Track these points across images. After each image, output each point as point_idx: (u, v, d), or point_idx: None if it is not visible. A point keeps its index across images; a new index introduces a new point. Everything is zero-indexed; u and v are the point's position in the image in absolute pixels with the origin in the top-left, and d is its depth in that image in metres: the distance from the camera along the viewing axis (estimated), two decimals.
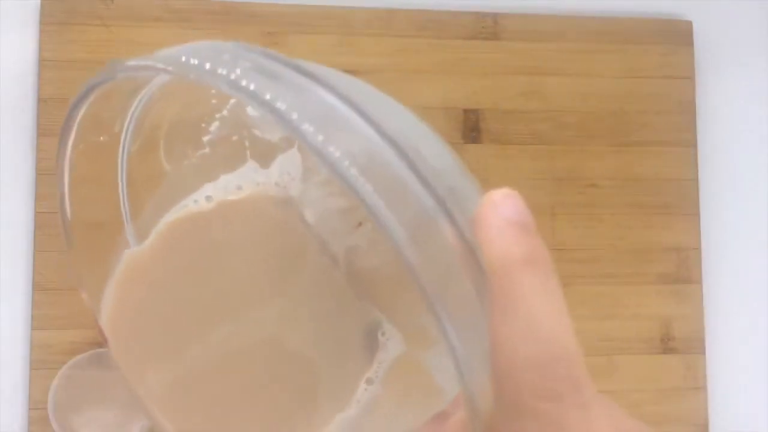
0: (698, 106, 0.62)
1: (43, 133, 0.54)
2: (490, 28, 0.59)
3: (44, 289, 0.53)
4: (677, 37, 0.62)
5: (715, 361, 0.60)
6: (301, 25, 0.57)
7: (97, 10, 0.55)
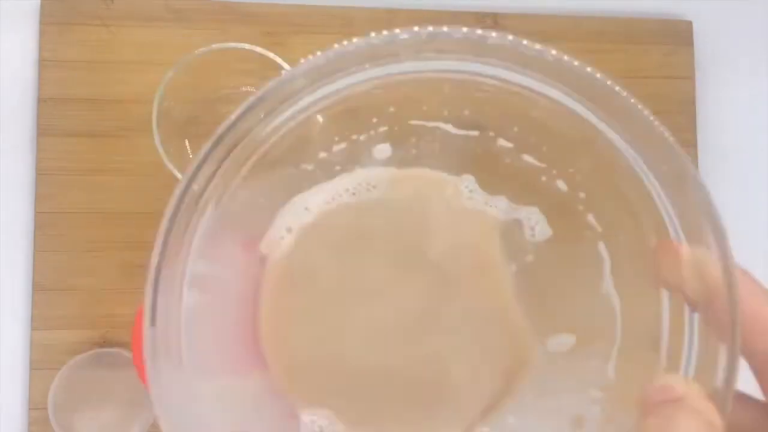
0: (698, 106, 0.62)
1: (43, 133, 0.54)
2: (490, 28, 0.59)
3: (44, 289, 0.53)
4: (677, 37, 0.62)
5: None
6: (301, 25, 0.57)
7: (97, 10, 0.55)
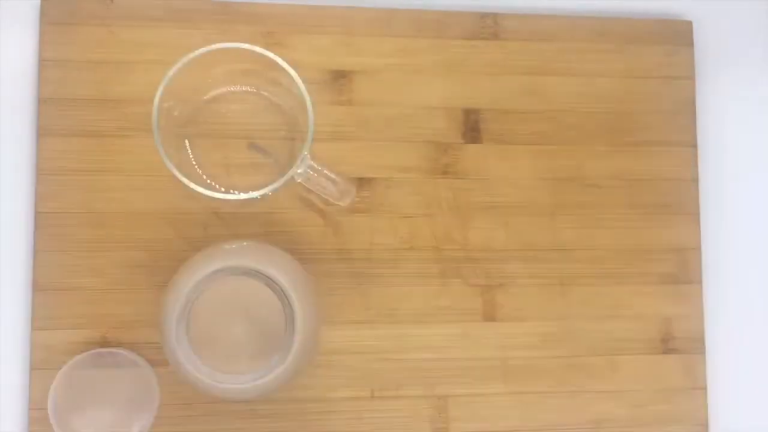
0: (698, 106, 0.62)
1: (43, 133, 0.54)
2: (490, 28, 0.59)
3: (44, 289, 0.53)
4: (677, 37, 0.62)
5: (715, 361, 0.60)
6: (301, 25, 0.57)
7: (97, 10, 0.55)
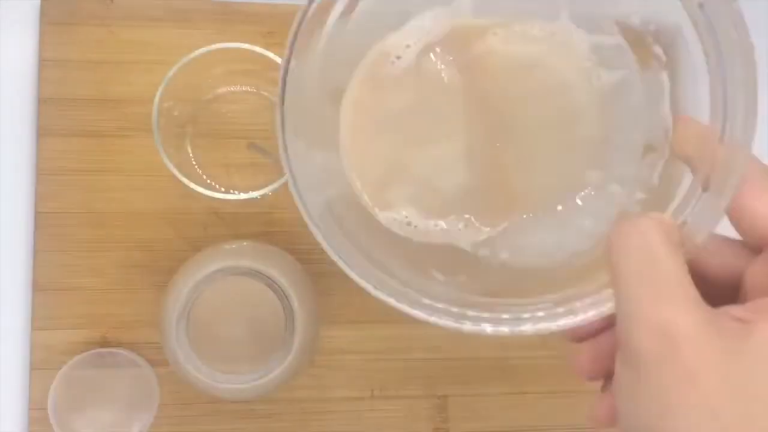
0: None
1: (43, 133, 0.54)
2: None
3: (44, 289, 0.53)
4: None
5: None
6: None
7: (97, 10, 0.55)
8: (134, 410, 0.52)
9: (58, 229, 0.53)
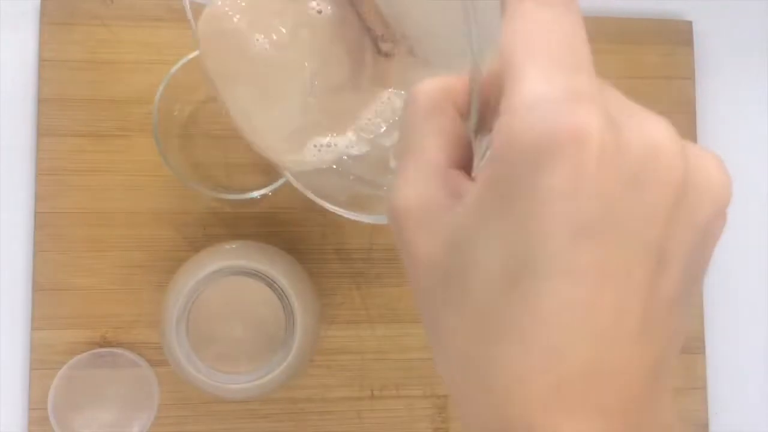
0: (698, 106, 0.62)
1: (43, 133, 0.54)
2: None
3: (44, 289, 0.53)
4: (677, 37, 0.62)
5: (715, 361, 0.60)
6: None
7: (97, 10, 0.55)
8: (134, 410, 0.52)
9: (58, 229, 0.53)
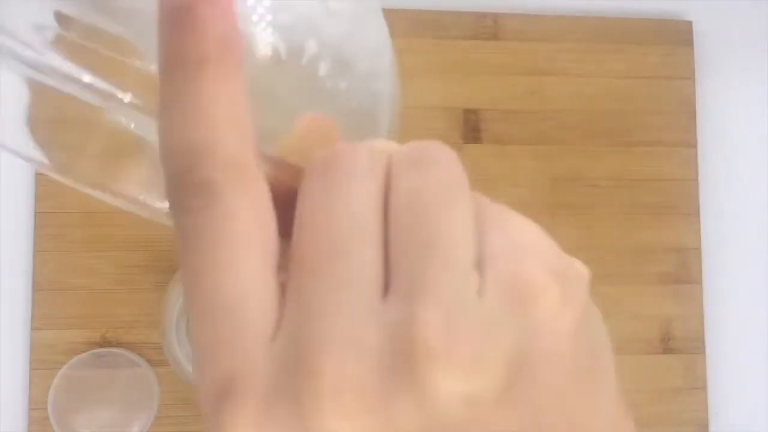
0: (698, 106, 0.62)
1: None
2: (490, 28, 0.59)
3: (44, 289, 0.53)
4: (677, 37, 0.62)
5: (715, 361, 0.60)
6: None
7: None
8: (134, 410, 0.52)
9: (58, 229, 0.53)
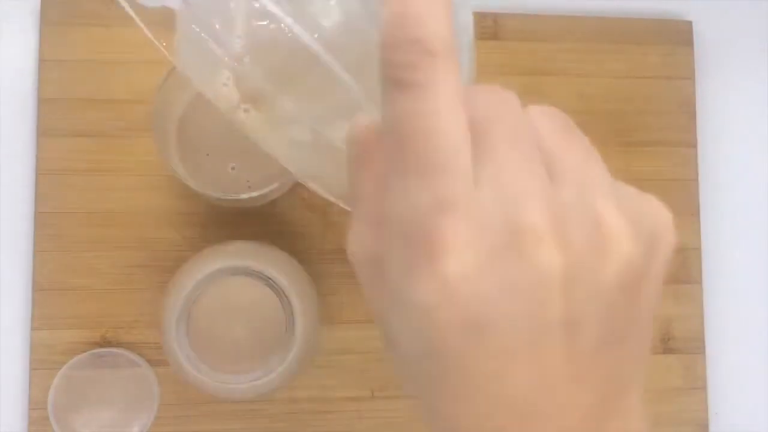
0: (698, 106, 0.62)
1: (43, 133, 0.54)
2: (490, 28, 0.59)
3: (44, 289, 0.53)
4: (677, 37, 0.62)
5: (715, 361, 0.60)
6: None
7: (97, 10, 0.55)
8: (134, 410, 0.52)
9: (58, 229, 0.53)
